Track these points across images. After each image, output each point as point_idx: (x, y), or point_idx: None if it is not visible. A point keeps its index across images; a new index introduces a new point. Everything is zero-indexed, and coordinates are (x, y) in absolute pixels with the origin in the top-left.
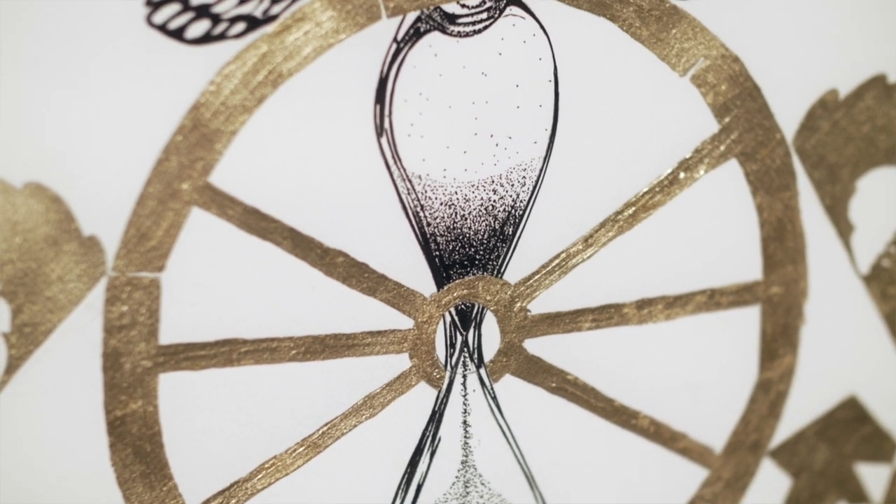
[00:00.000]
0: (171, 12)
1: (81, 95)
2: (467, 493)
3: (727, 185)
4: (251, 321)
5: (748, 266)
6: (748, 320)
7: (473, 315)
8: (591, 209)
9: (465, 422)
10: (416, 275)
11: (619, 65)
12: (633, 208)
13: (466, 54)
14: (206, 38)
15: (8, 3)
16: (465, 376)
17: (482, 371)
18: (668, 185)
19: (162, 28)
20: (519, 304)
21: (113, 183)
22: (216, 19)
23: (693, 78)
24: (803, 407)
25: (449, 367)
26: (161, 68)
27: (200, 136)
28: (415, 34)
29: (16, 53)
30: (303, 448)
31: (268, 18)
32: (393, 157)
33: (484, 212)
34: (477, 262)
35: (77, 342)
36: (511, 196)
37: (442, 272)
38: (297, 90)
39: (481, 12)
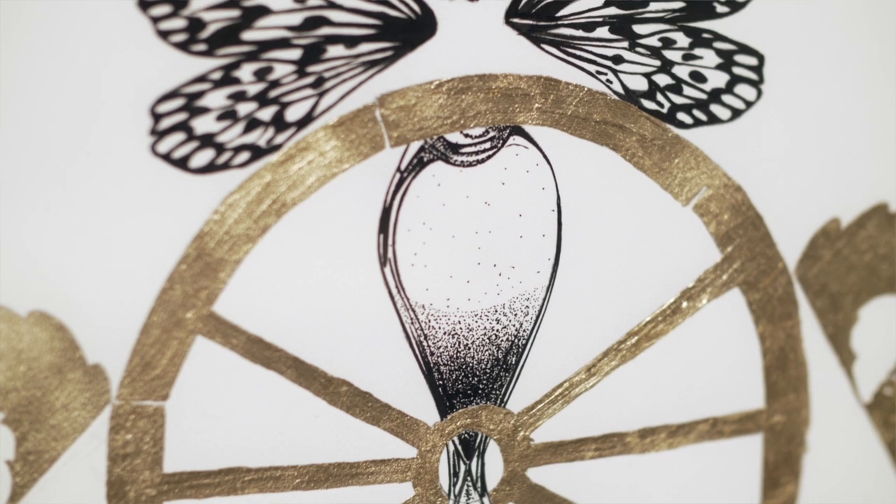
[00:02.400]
0: (176, 141)
1: (85, 223)
2: None
3: (730, 313)
4: (255, 449)
5: (750, 394)
6: (750, 449)
7: (477, 444)
8: (594, 338)
9: None
10: (420, 404)
11: (621, 194)
12: (636, 337)
13: (470, 184)
14: (211, 168)
15: (13, 129)
16: None
17: (486, 500)
18: (671, 315)
19: (166, 157)
20: (522, 433)
21: (117, 311)
22: (220, 148)
23: (696, 207)
24: None
25: (452, 497)
26: (165, 197)
27: (204, 265)
28: (418, 164)
29: (20, 179)
30: None
31: (272, 148)
32: (396, 287)
33: (487, 341)
34: (480, 392)
35: (81, 470)
36: (514, 325)
37: (445, 401)
38: (301, 219)
39: (484, 142)
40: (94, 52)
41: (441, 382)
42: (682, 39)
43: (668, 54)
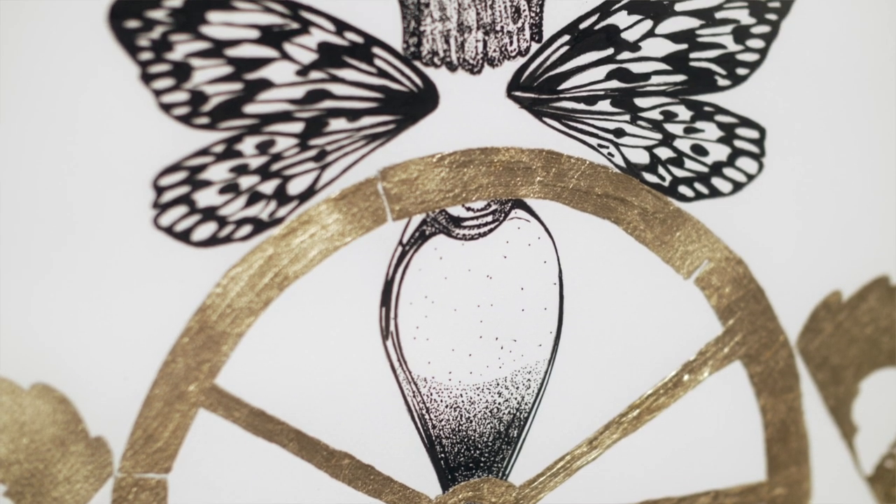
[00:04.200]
0: (178, 215)
1: (88, 296)
2: None
3: (731, 386)
4: None
5: (752, 467)
6: None
7: None
8: (596, 411)
9: None
10: (422, 476)
11: (623, 267)
12: (638, 410)
13: (471, 257)
14: (213, 241)
15: (16, 200)
16: None
17: None
18: (673, 388)
19: (169, 230)
20: None
21: (120, 384)
22: (222, 222)
23: (697, 280)
24: None
25: None
26: (167, 270)
27: (207, 338)
28: (420, 237)
29: (23, 251)
30: None
31: (274, 221)
32: (398, 360)
33: (489, 414)
34: (482, 464)
35: None
36: (516, 399)
37: (447, 474)
38: (304, 292)
39: (486, 215)
40: (97, 124)
41: (443, 455)
42: (684, 112)
43: (670, 127)
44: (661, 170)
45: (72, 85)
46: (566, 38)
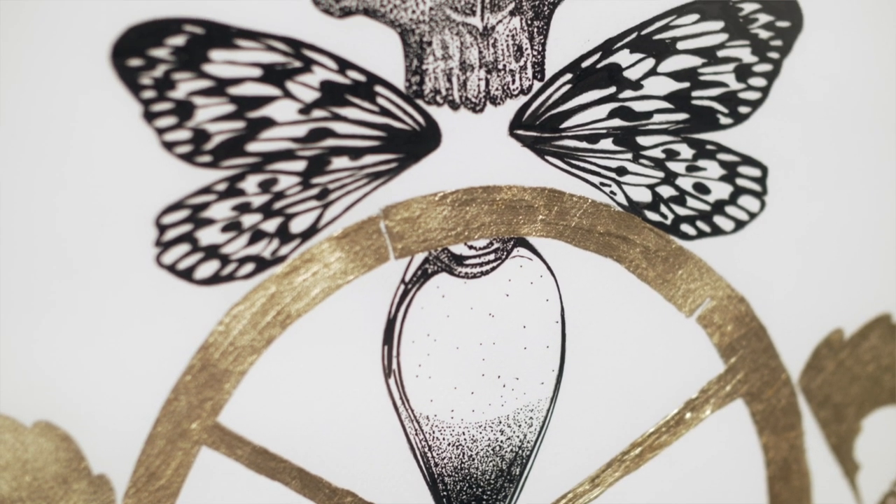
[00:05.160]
0: (181, 252)
1: (90, 334)
2: None
3: (733, 424)
4: None
5: None
6: None
7: None
8: (598, 449)
9: None
10: None
11: (625, 305)
12: (640, 448)
13: (474, 295)
14: (215, 279)
15: (18, 238)
16: None
17: None
18: (675, 426)
19: (171, 268)
20: None
21: (122, 422)
22: (225, 260)
23: (699, 318)
24: None
25: None
26: (170, 308)
27: (209, 376)
28: (423, 275)
29: (26, 288)
30: None
31: (276, 259)
32: (401, 398)
33: (491, 452)
34: (484, 502)
35: None
36: (518, 437)
37: None
38: (306, 330)
39: (488, 253)
40: (100, 162)
41: (445, 493)
42: (686, 151)
43: (672, 166)
44: (663, 208)
45: (75, 123)
46: (568, 76)
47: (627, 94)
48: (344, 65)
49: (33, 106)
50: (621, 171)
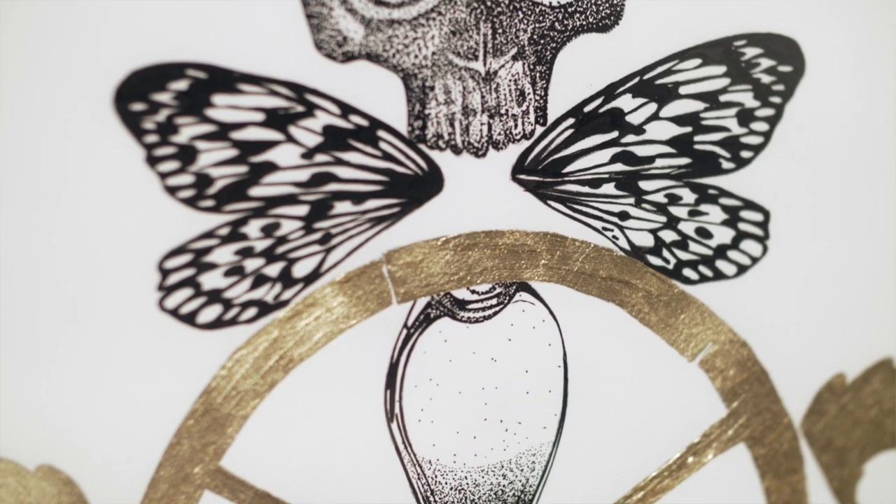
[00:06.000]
0: (183, 297)
1: (92, 378)
2: None
3: (735, 469)
4: None
5: None
6: None
7: None
8: (600, 494)
9: None
10: None
11: (628, 350)
12: (642, 492)
13: (476, 340)
14: (218, 323)
15: (20, 282)
16: None
17: None
18: (677, 470)
19: (174, 313)
20: None
21: (125, 466)
22: (228, 304)
23: (701, 363)
24: None
25: None
26: (173, 353)
27: (212, 420)
28: (425, 320)
29: (28, 333)
30: None
31: (279, 304)
32: (403, 442)
33: (494, 496)
34: None
35: None
36: (521, 481)
37: None
38: (309, 375)
39: (491, 298)
40: (102, 206)
41: None
42: (688, 195)
43: (674, 210)
44: (665, 252)
45: (77, 167)
46: (571, 121)
47: (630, 138)
48: (346, 109)
49: (35, 150)
50: (623, 215)
